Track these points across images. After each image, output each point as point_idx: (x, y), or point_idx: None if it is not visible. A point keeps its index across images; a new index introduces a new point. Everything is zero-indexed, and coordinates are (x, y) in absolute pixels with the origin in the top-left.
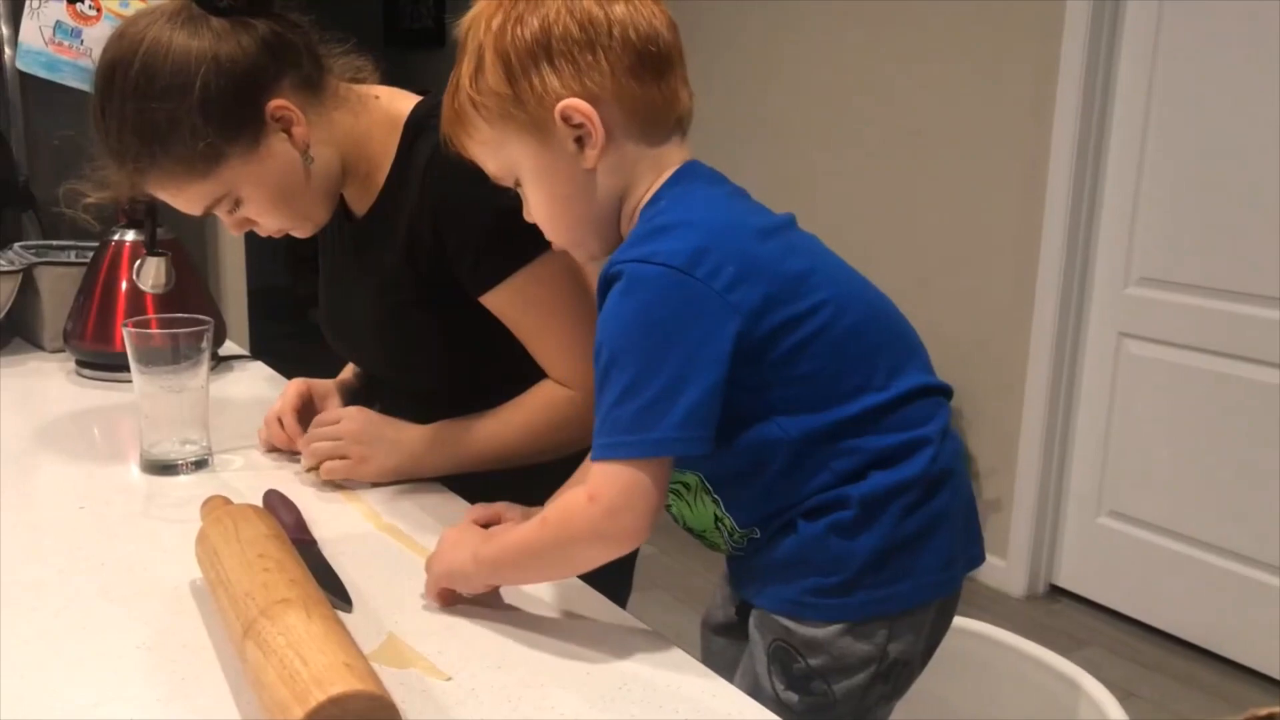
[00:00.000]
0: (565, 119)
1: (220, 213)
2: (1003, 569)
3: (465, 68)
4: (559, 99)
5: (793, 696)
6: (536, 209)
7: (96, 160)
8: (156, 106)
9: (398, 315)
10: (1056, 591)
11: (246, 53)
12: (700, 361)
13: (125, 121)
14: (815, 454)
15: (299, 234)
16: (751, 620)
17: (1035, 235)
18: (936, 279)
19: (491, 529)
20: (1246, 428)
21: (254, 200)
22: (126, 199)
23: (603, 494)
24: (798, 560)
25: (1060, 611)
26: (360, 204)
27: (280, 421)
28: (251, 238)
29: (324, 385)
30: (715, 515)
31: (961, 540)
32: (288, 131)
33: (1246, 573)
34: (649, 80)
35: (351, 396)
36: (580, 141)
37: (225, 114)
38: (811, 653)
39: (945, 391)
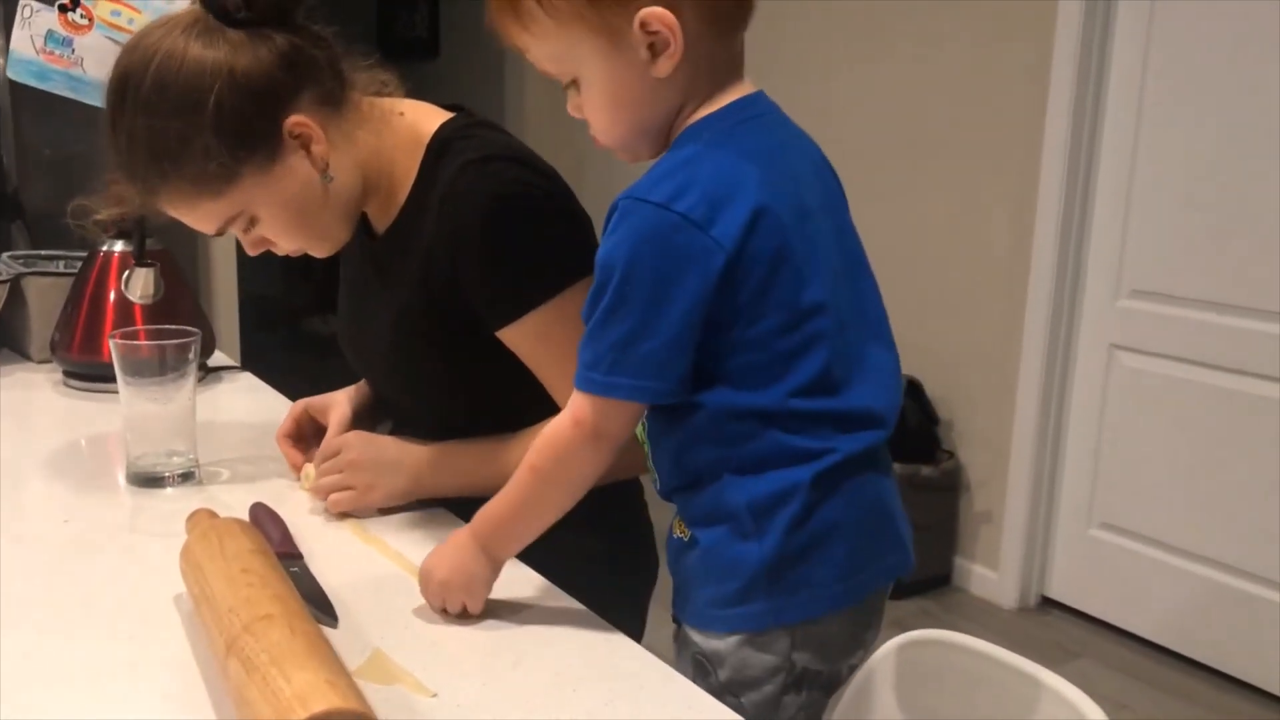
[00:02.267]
0: (643, 26)
1: (235, 231)
2: (994, 581)
3: None
4: (640, 6)
5: None
6: (594, 112)
7: (108, 174)
8: (168, 124)
9: (411, 339)
10: (1048, 603)
11: (264, 66)
12: (668, 311)
13: (136, 138)
14: (732, 431)
15: (317, 254)
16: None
17: (1027, 247)
18: (928, 291)
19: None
20: (1238, 440)
21: (270, 220)
22: (137, 214)
23: (585, 419)
24: (700, 571)
25: (1051, 623)
26: (381, 222)
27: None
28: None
29: (325, 400)
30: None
31: (868, 550)
32: (306, 149)
33: (1238, 585)
34: None
35: (364, 404)
36: (654, 49)
37: (240, 131)
38: (717, 665)
39: (884, 425)
